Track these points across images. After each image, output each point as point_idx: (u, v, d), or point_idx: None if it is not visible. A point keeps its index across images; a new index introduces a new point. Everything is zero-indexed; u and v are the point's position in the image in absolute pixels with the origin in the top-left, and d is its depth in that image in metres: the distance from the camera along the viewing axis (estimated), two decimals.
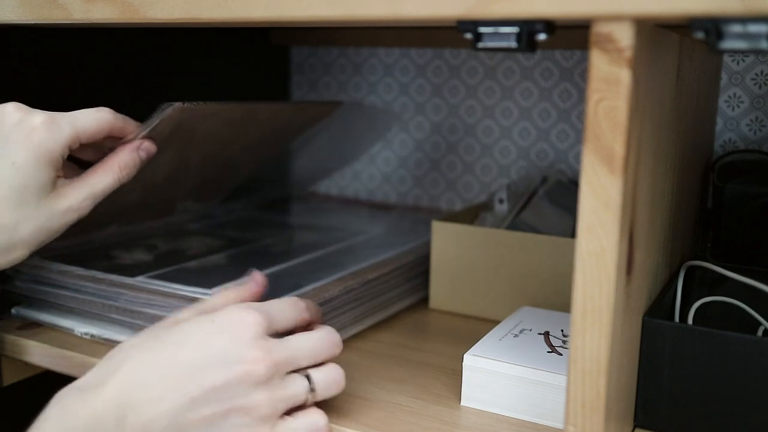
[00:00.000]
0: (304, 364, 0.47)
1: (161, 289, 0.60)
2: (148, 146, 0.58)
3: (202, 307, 0.50)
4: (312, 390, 0.47)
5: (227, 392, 0.44)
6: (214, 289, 0.58)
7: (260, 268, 0.60)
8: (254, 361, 0.44)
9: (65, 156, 0.53)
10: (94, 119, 0.54)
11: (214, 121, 0.68)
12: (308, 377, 0.47)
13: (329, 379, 0.48)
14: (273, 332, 0.47)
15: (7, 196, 0.51)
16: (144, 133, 0.58)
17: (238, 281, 0.57)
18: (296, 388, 0.46)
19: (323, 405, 0.53)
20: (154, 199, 0.75)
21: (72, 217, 0.54)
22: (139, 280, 0.62)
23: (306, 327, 0.51)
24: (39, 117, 0.52)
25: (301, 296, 0.60)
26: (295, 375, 0.47)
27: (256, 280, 0.53)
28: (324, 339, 0.49)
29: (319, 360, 0.48)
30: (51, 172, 0.52)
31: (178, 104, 0.58)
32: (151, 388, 0.43)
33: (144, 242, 0.75)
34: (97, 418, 0.42)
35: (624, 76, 0.38)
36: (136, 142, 0.57)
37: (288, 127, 0.83)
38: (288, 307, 0.49)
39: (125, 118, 0.57)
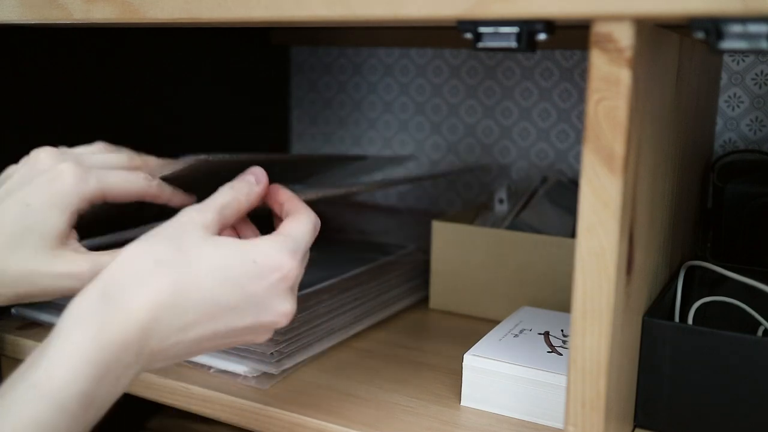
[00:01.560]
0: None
1: None
2: (161, 187, 0.54)
3: (222, 207, 0.48)
4: None
5: (248, 332, 0.45)
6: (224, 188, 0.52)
7: None
8: (284, 315, 0.46)
9: (83, 210, 0.49)
10: (125, 182, 0.51)
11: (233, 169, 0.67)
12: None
13: None
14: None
15: (8, 234, 0.47)
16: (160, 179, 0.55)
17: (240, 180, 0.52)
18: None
19: (322, 403, 0.53)
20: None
21: (67, 285, 0.47)
22: None
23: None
24: (69, 165, 0.49)
25: (301, 297, 0.60)
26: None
27: (257, 176, 0.51)
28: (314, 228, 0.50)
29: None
30: (61, 221, 0.48)
31: (203, 157, 0.54)
32: (180, 317, 0.42)
33: None
34: (126, 345, 0.40)
35: (624, 76, 0.38)
36: (147, 181, 0.53)
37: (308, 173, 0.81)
38: (312, 235, 0.50)
39: (161, 184, 0.53)
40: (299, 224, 0.49)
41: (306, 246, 0.49)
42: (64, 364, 0.39)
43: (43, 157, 0.50)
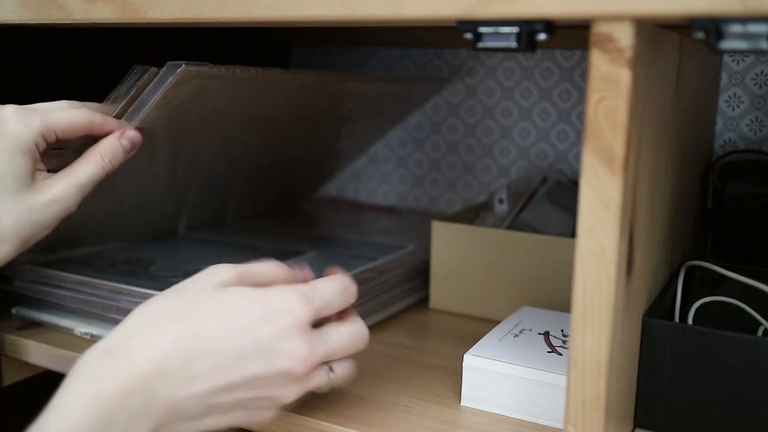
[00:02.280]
0: (337, 358, 0.47)
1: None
2: (132, 135, 0.57)
3: (248, 272, 0.47)
4: (331, 378, 0.48)
5: (264, 382, 0.44)
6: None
7: None
8: (297, 360, 0.44)
9: (40, 147, 0.53)
10: (68, 116, 0.54)
11: (243, 95, 0.62)
12: (331, 369, 0.47)
13: (345, 372, 0.48)
14: (317, 319, 0.47)
15: None
16: (140, 114, 0.57)
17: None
18: (320, 379, 0.47)
19: (322, 403, 0.53)
20: (152, 215, 0.73)
21: (57, 209, 0.53)
22: (140, 283, 0.62)
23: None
24: (8, 108, 0.52)
25: None
26: (322, 369, 0.47)
27: (304, 271, 0.51)
28: (357, 335, 0.48)
29: (348, 355, 0.48)
30: (26, 163, 0.52)
31: (181, 65, 0.54)
32: (188, 368, 0.42)
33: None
34: (129, 393, 0.40)
35: (624, 76, 0.38)
36: (118, 131, 0.57)
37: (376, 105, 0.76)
38: (337, 295, 0.47)
39: (105, 116, 0.57)
40: (326, 280, 0.48)
41: (327, 299, 0.47)
42: (69, 414, 0.39)
43: None
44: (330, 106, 0.72)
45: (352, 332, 0.48)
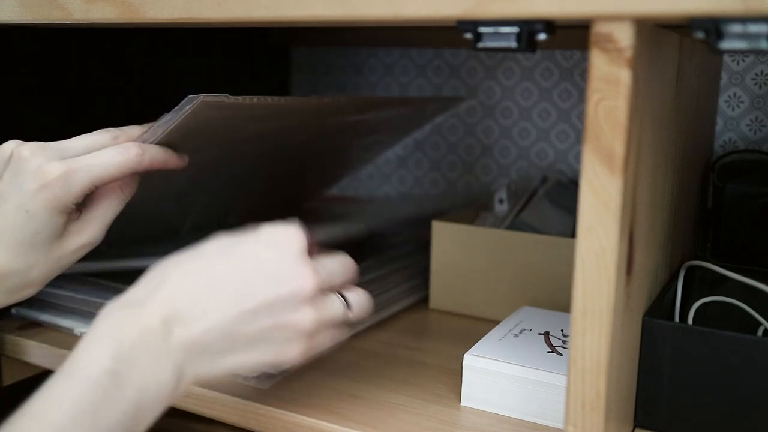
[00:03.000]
0: (338, 282, 0.49)
1: None
2: (152, 158, 0.54)
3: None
4: (348, 309, 0.49)
5: (279, 306, 0.45)
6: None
7: None
8: (304, 278, 0.45)
9: (80, 201, 0.52)
10: (112, 165, 0.52)
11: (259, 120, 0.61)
12: (344, 297, 0.48)
13: (361, 300, 0.50)
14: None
15: (20, 242, 0.51)
16: (154, 138, 0.54)
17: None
18: (336, 306, 0.48)
19: (322, 403, 0.53)
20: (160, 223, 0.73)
21: (85, 251, 0.54)
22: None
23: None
24: (56, 169, 0.50)
25: None
26: (333, 295, 0.48)
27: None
28: (346, 263, 0.50)
29: (346, 281, 0.49)
30: (63, 219, 0.52)
31: (200, 97, 0.53)
32: (198, 302, 0.43)
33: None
34: (145, 333, 0.42)
35: (624, 76, 0.38)
36: (137, 156, 0.53)
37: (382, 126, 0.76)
38: (336, 262, 0.49)
39: (149, 150, 0.53)
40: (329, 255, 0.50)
41: (324, 258, 0.49)
42: (90, 349, 0.41)
43: (26, 155, 0.51)
44: (342, 126, 0.73)
45: (341, 260, 0.50)
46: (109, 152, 0.52)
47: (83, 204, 0.54)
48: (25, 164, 0.51)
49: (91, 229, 0.54)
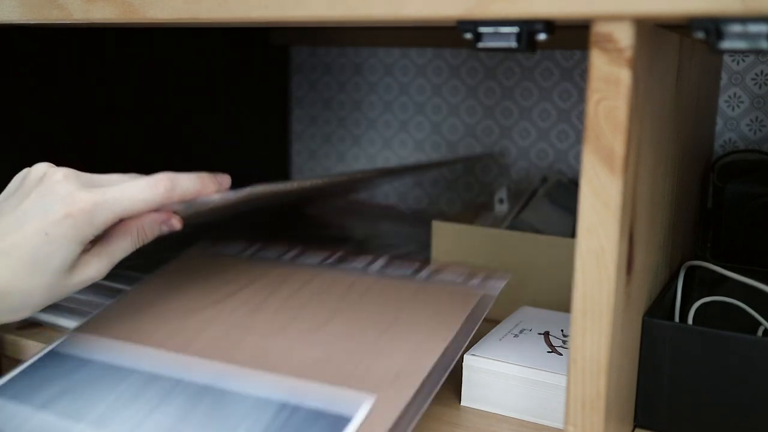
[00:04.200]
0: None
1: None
2: (174, 224, 0.56)
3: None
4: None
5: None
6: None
7: None
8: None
9: (100, 233, 0.52)
10: (141, 201, 0.52)
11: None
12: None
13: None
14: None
15: (31, 263, 0.50)
16: (181, 212, 0.55)
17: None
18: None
19: None
20: None
21: (86, 285, 0.53)
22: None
23: None
24: (85, 199, 0.50)
25: None
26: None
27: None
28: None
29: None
30: (79, 249, 0.51)
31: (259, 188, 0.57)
32: None
33: None
34: None
35: (624, 76, 0.38)
36: (164, 215, 0.55)
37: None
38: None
39: (184, 191, 0.53)
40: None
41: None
42: None
43: (59, 179, 0.51)
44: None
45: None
46: (137, 185, 0.52)
47: (99, 236, 0.53)
48: (56, 187, 0.50)
49: (99, 265, 0.53)
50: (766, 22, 0.36)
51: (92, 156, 0.77)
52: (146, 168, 0.84)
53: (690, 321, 0.55)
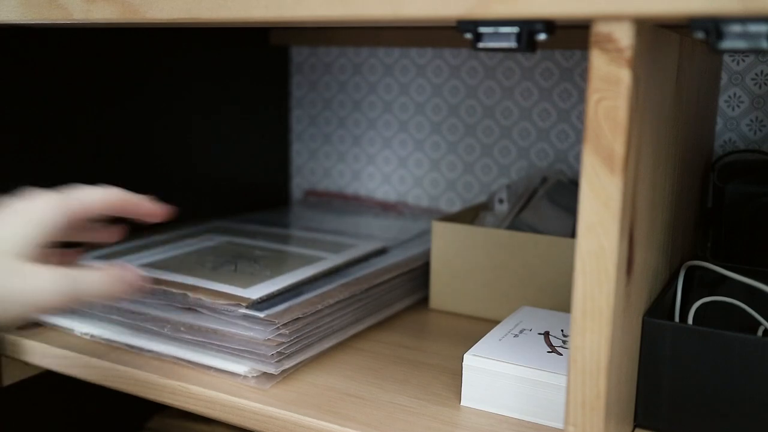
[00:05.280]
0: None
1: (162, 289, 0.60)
2: (143, 287, 0.53)
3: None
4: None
5: None
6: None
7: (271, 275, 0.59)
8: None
9: (58, 228, 0.49)
10: (99, 192, 0.51)
11: None
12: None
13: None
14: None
15: None
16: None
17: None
18: None
19: (322, 403, 0.53)
20: None
21: (34, 306, 0.46)
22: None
23: None
24: (50, 195, 0.49)
25: (306, 302, 0.60)
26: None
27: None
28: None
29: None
30: (35, 234, 0.47)
31: None
32: None
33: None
34: None
35: (624, 76, 0.38)
36: (137, 278, 0.51)
37: None
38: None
39: (140, 198, 0.53)
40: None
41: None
42: None
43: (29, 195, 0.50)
44: None
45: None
46: (100, 190, 0.52)
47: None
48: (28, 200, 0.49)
49: (57, 281, 0.47)
50: (766, 22, 0.36)
51: (92, 156, 0.77)
52: (146, 168, 0.84)
53: (690, 321, 0.55)
